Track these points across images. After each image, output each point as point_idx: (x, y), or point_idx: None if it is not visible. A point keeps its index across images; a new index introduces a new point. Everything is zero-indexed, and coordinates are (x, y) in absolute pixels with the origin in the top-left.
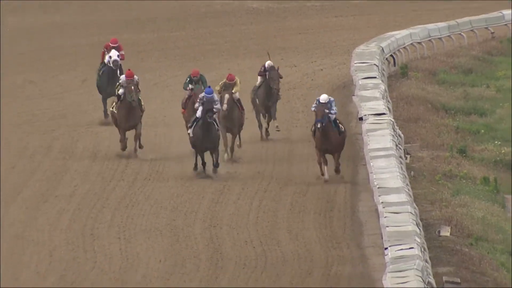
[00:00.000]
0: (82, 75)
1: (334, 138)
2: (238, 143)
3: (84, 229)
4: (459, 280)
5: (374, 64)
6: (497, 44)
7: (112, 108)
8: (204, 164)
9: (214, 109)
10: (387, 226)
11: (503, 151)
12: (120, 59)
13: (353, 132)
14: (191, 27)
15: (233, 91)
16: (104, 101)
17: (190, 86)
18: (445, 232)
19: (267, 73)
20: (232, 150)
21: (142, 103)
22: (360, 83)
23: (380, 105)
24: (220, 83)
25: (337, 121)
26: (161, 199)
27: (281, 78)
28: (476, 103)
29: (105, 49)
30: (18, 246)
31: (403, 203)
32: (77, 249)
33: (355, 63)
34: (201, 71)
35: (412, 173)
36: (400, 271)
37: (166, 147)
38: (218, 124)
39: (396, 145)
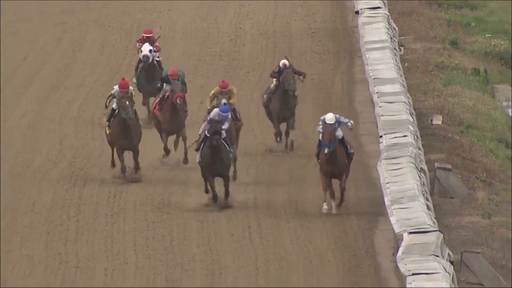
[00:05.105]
0: None
1: (341, 160)
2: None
3: (92, 118)
4: (450, 166)
5: None
6: None
7: (106, 130)
8: (215, 197)
9: (222, 131)
10: (382, 115)
11: (493, 43)
12: (155, 51)
13: (349, 26)
14: None
15: (230, 101)
16: (147, 100)
17: (167, 87)
18: (437, 120)
19: (281, 75)
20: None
21: (140, 119)
22: None
23: None
24: (212, 91)
25: (345, 141)
26: None
27: (301, 75)
28: None
29: (139, 44)
30: (30, 134)
31: (397, 93)
32: (85, 137)
33: None
34: None
35: (406, 64)
36: (394, 158)
37: (170, 42)
38: (229, 145)
39: (391, 38)
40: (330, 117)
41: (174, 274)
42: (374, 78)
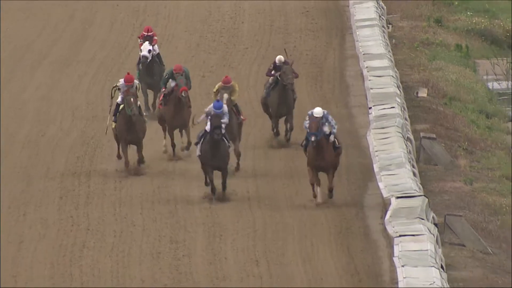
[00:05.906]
0: None
1: (328, 154)
2: (236, 159)
3: (102, 90)
4: (434, 136)
5: None
6: None
7: (112, 124)
8: (214, 189)
9: (222, 126)
10: (371, 88)
11: (474, 21)
12: (153, 44)
13: (341, 5)
14: None
15: (232, 98)
16: (145, 94)
17: (172, 83)
18: (423, 93)
19: (278, 72)
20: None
21: (144, 113)
22: None
23: None
24: (216, 87)
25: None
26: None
27: (296, 77)
28: None
29: (140, 40)
30: (44, 106)
31: (386, 67)
32: (96, 109)
33: None
34: None
35: (393, 40)
36: (383, 127)
37: (174, 20)
38: (228, 140)
39: (380, 16)
40: (318, 111)
41: (178, 236)
42: (364, 54)
